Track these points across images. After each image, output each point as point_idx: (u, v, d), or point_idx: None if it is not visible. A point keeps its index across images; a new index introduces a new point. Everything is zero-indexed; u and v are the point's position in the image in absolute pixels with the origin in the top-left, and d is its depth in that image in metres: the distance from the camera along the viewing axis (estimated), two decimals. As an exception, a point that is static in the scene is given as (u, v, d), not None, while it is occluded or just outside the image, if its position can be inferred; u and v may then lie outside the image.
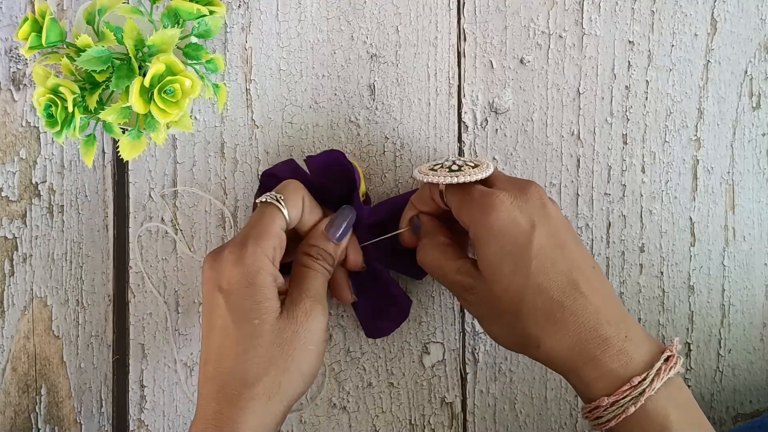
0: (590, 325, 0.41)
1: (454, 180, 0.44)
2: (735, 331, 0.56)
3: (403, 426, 0.54)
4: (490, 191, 0.44)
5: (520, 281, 0.42)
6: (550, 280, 0.42)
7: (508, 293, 0.42)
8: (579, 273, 0.42)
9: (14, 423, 0.52)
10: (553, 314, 0.41)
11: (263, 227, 0.45)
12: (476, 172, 0.45)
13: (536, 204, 0.43)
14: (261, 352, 0.43)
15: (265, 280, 0.43)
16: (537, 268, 0.42)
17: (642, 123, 0.55)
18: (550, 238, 0.43)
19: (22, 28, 0.45)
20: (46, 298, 0.52)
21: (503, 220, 0.42)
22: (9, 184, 0.52)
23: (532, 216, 0.43)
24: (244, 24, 0.52)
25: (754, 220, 0.56)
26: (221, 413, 0.42)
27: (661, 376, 0.40)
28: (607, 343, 0.41)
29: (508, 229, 0.42)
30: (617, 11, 0.55)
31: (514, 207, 0.43)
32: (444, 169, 0.46)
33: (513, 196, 0.43)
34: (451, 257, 0.46)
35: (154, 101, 0.43)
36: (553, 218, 0.43)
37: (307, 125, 0.53)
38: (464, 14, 0.54)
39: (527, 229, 0.42)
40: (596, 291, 0.42)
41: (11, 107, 0.51)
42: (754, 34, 0.56)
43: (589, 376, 0.41)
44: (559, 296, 0.41)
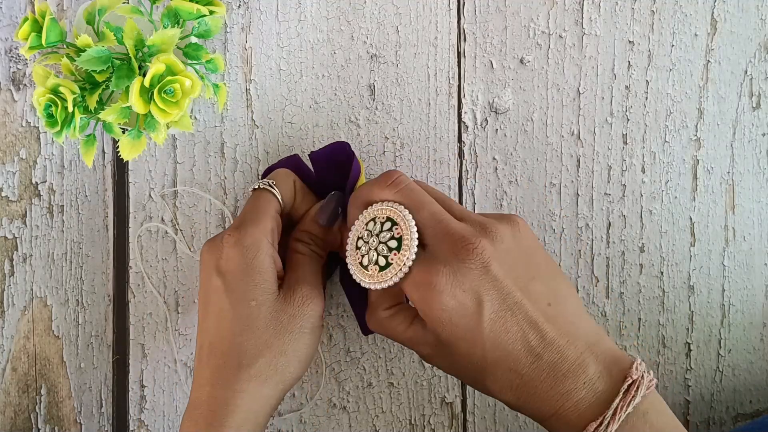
0: (547, 386, 0.41)
1: (390, 283, 0.42)
2: (735, 331, 0.56)
3: (403, 426, 0.54)
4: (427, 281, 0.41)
5: (477, 359, 0.42)
6: (505, 353, 0.41)
7: (466, 368, 0.42)
8: (533, 333, 0.41)
9: (14, 423, 0.52)
10: (512, 382, 0.41)
11: (259, 210, 0.45)
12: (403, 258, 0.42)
13: (478, 272, 0.41)
14: (258, 334, 0.43)
15: (264, 262, 0.44)
16: (491, 346, 0.41)
17: (642, 123, 0.55)
18: (500, 308, 0.41)
19: (22, 28, 0.45)
20: (46, 298, 0.52)
21: (448, 309, 0.41)
22: (9, 184, 0.52)
23: (477, 289, 0.41)
24: (244, 24, 0.52)
25: (754, 220, 0.56)
26: (215, 396, 0.42)
27: (618, 415, 0.39)
28: (565, 398, 0.41)
29: (454, 317, 0.41)
30: (617, 11, 0.55)
31: (454, 289, 0.41)
32: (373, 266, 0.43)
33: (451, 277, 0.41)
34: (400, 330, 0.44)
35: (154, 101, 0.43)
36: (499, 281, 0.41)
37: (307, 125, 0.53)
38: (464, 14, 0.54)
39: (474, 308, 0.41)
40: (551, 345, 0.41)
41: (11, 107, 0.51)
42: (754, 34, 0.56)
43: (553, 428, 0.42)
44: (516, 366, 0.41)
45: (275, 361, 0.43)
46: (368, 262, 0.43)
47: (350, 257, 0.45)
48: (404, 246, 0.42)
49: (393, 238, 0.43)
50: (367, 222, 0.44)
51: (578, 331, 0.42)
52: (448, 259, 0.41)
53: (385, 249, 0.43)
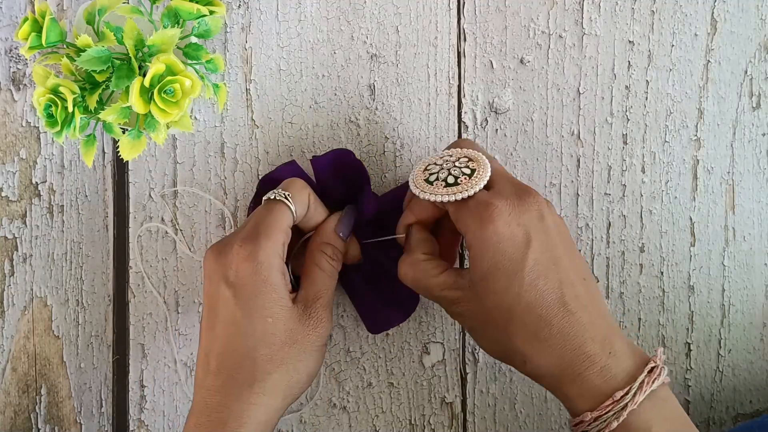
0: (576, 343, 0.41)
1: (452, 198, 0.44)
2: (735, 331, 0.56)
3: (403, 426, 0.54)
4: (488, 202, 0.43)
5: (511, 298, 0.42)
6: (540, 298, 0.42)
7: (497, 308, 0.43)
8: (569, 289, 0.42)
9: (14, 423, 0.52)
10: (541, 332, 0.42)
11: (272, 223, 0.45)
12: (473, 183, 0.44)
13: (534, 215, 0.43)
14: (273, 350, 0.43)
15: (278, 279, 0.44)
16: (528, 285, 0.42)
17: (642, 123, 0.55)
18: (545, 253, 0.42)
19: (22, 28, 0.45)
20: (46, 298, 0.52)
21: (500, 234, 0.42)
22: (9, 184, 0.52)
23: (529, 229, 0.42)
24: (244, 24, 0.52)
25: (754, 220, 0.56)
26: (227, 407, 0.42)
27: (644, 389, 0.40)
28: (591, 360, 0.41)
29: (504, 244, 0.42)
30: (617, 11, 0.55)
31: (511, 219, 0.42)
32: (440, 182, 0.45)
33: (511, 208, 0.43)
34: (433, 273, 0.45)
35: (154, 101, 0.43)
36: (550, 231, 0.43)
37: (307, 125, 0.53)
38: (464, 14, 0.54)
39: (523, 243, 0.42)
40: (584, 307, 0.42)
41: (11, 107, 0.51)
42: (754, 34, 0.56)
43: (574, 393, 0.42)
44: (547, 314, 0.42)
45: (288, 377, 0.43)
46: (435, 180, 0.45)
47: (414, 176, 0.46)
48: (477, 175, 0.44)
49: (468, 168, 0.45)
50: (442, 155, 0.47)
51: (606, 312, 0.44)
52: (512, 197, 0.43)
53: (459, 173, 0.45)
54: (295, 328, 0.44)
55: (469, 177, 0.44)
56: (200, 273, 0.52)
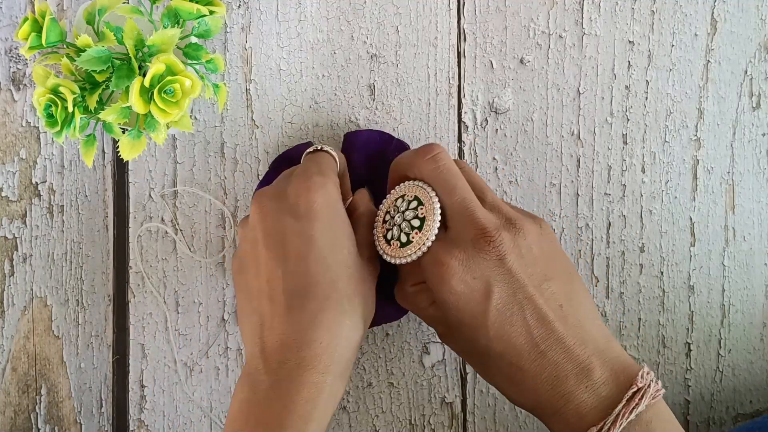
0: (548, 385, 0.41)
1: (408, 260, 0.43)
2: (735, 331, 0.56)
3: (403, 426, 0.54)
4: (440, 262, 0.42)
5: (480, 349, 0.42)
6: (509, 346, 0.41)
7: (472, 356, 0.43)
8: (540, 329, 0.41)
9: (14, 423, 0.52)
10: (514, 377, 0.42)
11: (325, 165, 0.45)
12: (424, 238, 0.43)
13: (492, 262, 0.41)
14: (353, 283, 0.42)
15: (344, 212, 0.44)
16: (494, 336, 0.41)
17: (642, 123, 0.55)
18: (509, 300, 0.41)
19: (22, 28, 0.45)
20: (46, 298, 0.52)
21: (457, 293, 0.41)
22: (9, 184, 0.52)
23: (488, 278, 0.41)
24: (244, 24, 0.52)
25: (754, 220, 0.56)
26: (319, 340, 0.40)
27: (619, 422, 0.39)
28: (566, 399, 0.40)
29: (462, 302, 0.41)
30: (617, 11, 0.55)
31: (465, 275, 0.41)
32: (395, 242, 0.44)
33: (465, 262, 0.41)
34: (422, 306, 0.45)
35: (154, 101, 0.43)
36: (513, 273, 0.41)
37: (307, 125, 0.53)
38: (464, 14, 0.54)
39: (482, 296, 0.41)
40: (558, 342, 0.41)
41: (11, 107, 0.51)
42: (754, 33, 0.56)
43: (554, 427, 0.42)
44: (518, 360, 0.41)
45: (368, 312, 0.43)
46: (391, 238, 0.45)
47: (377, 230, 0.46)
48: (426, 226, 0.43)
49: (417, 218, 0.44)
50: (396, 198, 0.46)
51: (587, 335, 0.42)
52: (466, 246, 0.41)
53: (408, 227, 0.44)
54: (362, 264, 0.44)
55: (419, 230, 0.43)
56: (200, 273, 0.52)
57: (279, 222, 0.42)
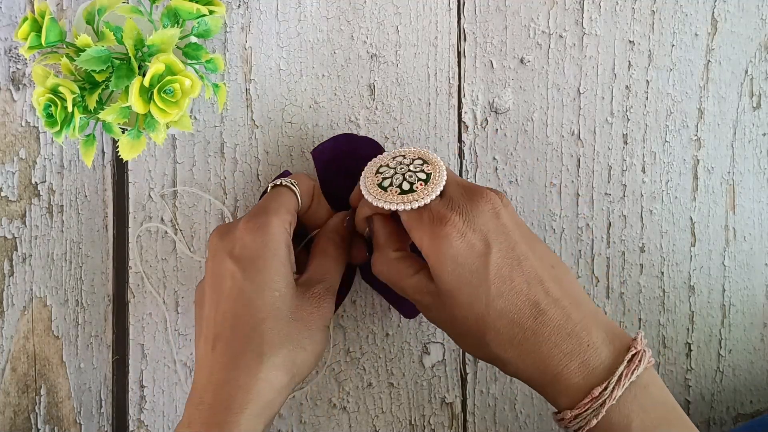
0: (551, 343, 0.40)
1: (407, 207, 0.43)
2: (735, 331, 0.56)
3: (403, 426, 0.53)
4: (441, 215, 0.42)
5: (479, 307, 0.41)
6: (510, 303, 0.41)
7: (468, 319, 0.42)
8: (537, 287, 0.41)
9: (14, 423, 0.52)
10: (515, 337, 0.41)
11: (280, 204, 0.45)
12: (429, 190, 0.43)
13: (489, 218, 0.42)
14: (281, 324, 0.42)
15: (285, 254, 0.43)
16: (496, 293, 0.41)
17: (642, 123, 0.55)
18: (507, 255, 0.41)
19: (21, 28, 0.45)
20: (45, 298, 0.52)
21: (456, 247, 0.41)
22: (8, 184, 0.51)
23: (487, 234, 0.41)
24: (244, 24, 0.52)
25: (755, 220, 0.56)
26: (233, 382, 0.41)
27: (622, 382, 0.39)
28: (568, 358, 0.40)
29: (462, 257, 0.41)
30: (617, 11, 0.54)
31: (466, 229, 0.41)
32: (394, 188, 0.44)
33: (464, 217, 0.41)
34: (407, 274, 0.44)
35: (153, 101, 0.43)
36: (508, 229, 0.42)
37: (307, 125, 0.53)
38: (464, 14, 0.54)
39: (482, 252, 0.41)
40: (556, 302, 0.41)
41: (11, 107, 0.51)
42: (754, 33, 0.56)
43: (555, 391, 0.41)
44: (519, 318, 0.41)
45: (295, 354, 0.42)
46: (389, 185, 0.44)
47: (365, 179, 0.45)
48: (432, 180, 0.43)
49: (423, 172, 0.44)
50: (394, 157, 0.46)
51: (580, 297, 0.42)
52: (463, 204, 0.42)
53: (414, 178, 0.44)
54: (300, 305, 0.43)
55: (425, 183, 0.43)
56: (200, 273, 0.52)
57: (221, 263, 0.43)
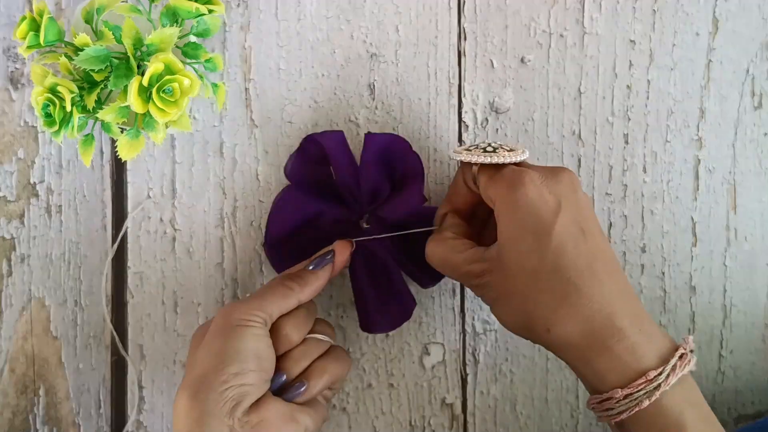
0: (605, 313, 0.40)
1: (487, 160, 0.44)
2: (737, 331, 0.56)
3: (403, 427, 0.53)
4: (522, 169, 0.43)
5: (536, 259, 0.41)
6: (569, 261, 0.41)
7: (523, 271, 0.41)
8: (600, 259, 0.41)
9: (12, 424, 0.51)
10: (568, 296, 0.40)
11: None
12: (511, 155, 0.45)
13: (567, 187, 0.43)
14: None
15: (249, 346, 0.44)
16: (556, 248, 0.41)
17: (643, 122, 0.55)
18: (575, 222, 0.42)
19: (20, 27, 0.44)
20: (44, 299, 0.52)
21: (530, 196, 0.42)
22: (7, 184, 0.51)
23: (561, 197, 0.42)
24: (243, 23, 0.52)
25: (756, 220, 0.56)
26: None
27: (676, 372, 0.39)
28: (621, 334, 0.40)
29: (533, 206, 0.42)
30: (618, 10, 0.54)
31: (543, 186, 0.42)
32: (479, 149, 0.46)
33: (543, 177, 0.43)
34: (459, 250, 0.45)
35: (152, 100, 0.43)
36: (582, 204, 0.43)
37: (307, 125, 0.53)
38: (464, 13, 0.54)
39: (553, 208, 0.42)
40: (614, 281, 0.41)
41: (9, 107, 0.51)
42: (756, 33, 0.56)
43: (602, 367, 0.40)
44: (576, 278, 0.40)
45: None
46: (475, 147, 0.46)
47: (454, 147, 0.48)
48: (515, 150, 0.45)
49: (507, 146, 0.46)
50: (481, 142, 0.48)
51: (634, 293, 0.43)
52: (544, 170, 0.44)
53: (498, 146, 0.46)
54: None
55: (507, 151, 0.45)
56: (199, 273, 0.52)
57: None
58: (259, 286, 0.52)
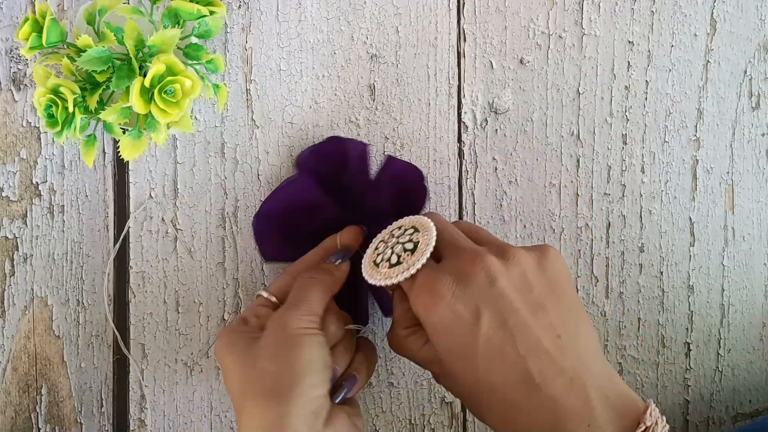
0: (547, 422, 0.38)
1: (395, 280, 0.42)
2: (734, 331, 0.56)
3: (403, 426, 0.54)
4: (429, 284, 0.40)
5: (471, 380, 0.40)
6: (500, 377, 0.39)
7: (463, 390, 0.41)
8: (534, 360, 0.38)
9: (15, 423, 0.52)
10: (507, 414, 0.39)
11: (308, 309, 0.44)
12: (415, 260, 0.42)
13: (482, 285, 0.40)
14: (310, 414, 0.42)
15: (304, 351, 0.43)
16: (485, 368, 0.39)
17: (641, 123, 0.55)
18: (499, 327, 0.39)
19: (22, 29, 0.45)
20: (46, 298, 0.52)
21: (444, 318, 0.39)
22: (10, 184, 0.52)
23: (477, 303, 0.39)
24: (245, 24, 0.52)
25: (754, 220, 0.57)
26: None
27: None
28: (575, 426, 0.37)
29: (451, 327, 0.39)
30: (617, 11, 0.55)
31: (454, 299, 0.39)
32: (384, 263, 0.44)
33: (453, 286, 0.40)
34: (414, 348, 0.43)
35: (154, 101, 0.43)
36: (504, 296, 0.39)
37: (307, 125, 0.53)
38: (464, 14, 0.54)
39: (470, 322, 0.39)
40: (555, 377, 0.38)
41: (12, 107, 0.51)
42: (753, 34, 0.56)
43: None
44: (512, 395, 0.38)
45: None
46: (381, 261, 0.44)
47: (366, 257, 0.46)
48: (419, 250, 0.42)
49: (411, 242, 0.43)
50: (393, 228, 0.46)
51: (587, 370, 0.39)
52: (455, 271, 0.41)
53: (401, 249, 0.43)
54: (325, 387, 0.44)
55: (412, 253, 0.43)
56: (200, 273, 0.52)
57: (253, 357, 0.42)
58: (260, 286, 0.52)
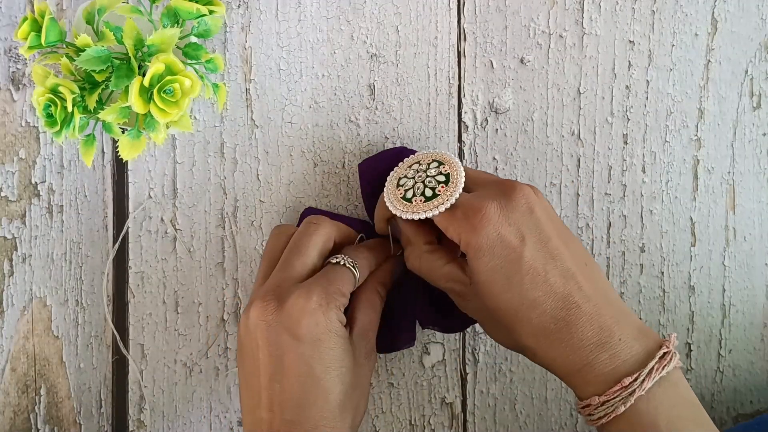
0: (583, 334, 0.41)
1: (436, 212, 0.44)
2: (735, 331, 0.56)
3: (403, 426, 0.53)
4: (476, 208, 0.43)
5: (512, 298, 0.42)
6: (543, 294, 0.42)
7: (500, 309, 0.43)
8: (572, 282, 0.42)
9: (13, 423, 0.52)
10: (547, 327, 0.42)
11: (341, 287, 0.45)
12: (452, 190, 0.44)
13: (524, 211, 0.43)
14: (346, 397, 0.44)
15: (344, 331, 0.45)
16: (529, 284, 0.42)
17: (642, 123, 0.55)
18: (541, 249, 0.42)
19: (21, 28, 0.44)
20: (45, 298, 0.52)
21: (491, 239, 0.42)
22: (8, 184, 0.51)
23: (521, 227, 0.42)
24: (244, 24, 0.52)
25: (755, 220, 0.56)
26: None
27: (653, 375, 0.40)
28: (600, 348, 0.41)
29: (497, 248, 0.42)
30: (618, 11, 0.54)
31: (501, 221, 0.42)
32: (418, 198, 0.44)
33: (499, 209, 0.43)
34: (438, 264, 0.46)
35: (153, 101, 0.43)
36: (542, 224, 0.43)
37: (307, 125, 0.53)
38: (464, 14, 0.54)
39: (517, 244, 0.42)
40: (588, 298, 0.42)
41: (10, 107, 0.51)
42: (754, 33, 0.56)
43: (583, 380, 0.42)
44: (552, 309, 0.42)
45: (357, 419, 0.45)
46: (413, 195, 0.45)
47: (389, 196, 0.46)
48: (452, 180, 0.44)
49: (441, 174, 0.45)
50: (411, 165, 0.46)
51: (612, 297, 0.43)
52: (497, 196, 0.43)
53: (434, 182, 0.44)
54: (357, 371, 0.45)
55: (446, 184, 0.44)
56: (200, 273, 0.52)
57: (279, 336, 0.43)
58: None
